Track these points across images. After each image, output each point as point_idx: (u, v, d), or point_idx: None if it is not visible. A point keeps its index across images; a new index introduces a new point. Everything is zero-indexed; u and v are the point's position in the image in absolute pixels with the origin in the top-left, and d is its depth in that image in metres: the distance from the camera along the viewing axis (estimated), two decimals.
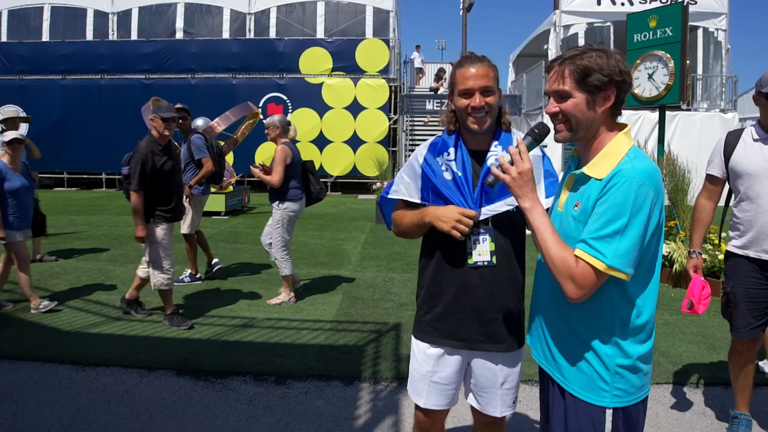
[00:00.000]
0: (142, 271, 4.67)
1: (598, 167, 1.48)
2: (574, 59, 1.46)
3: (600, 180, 1.45)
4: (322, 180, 5.80)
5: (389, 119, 16.12)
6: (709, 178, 2.91)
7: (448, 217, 1.75)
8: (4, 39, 17.08)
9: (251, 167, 4.98)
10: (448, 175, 1.84)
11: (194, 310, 4.92)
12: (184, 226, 5.86)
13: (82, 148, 16.05)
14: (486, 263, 1.81)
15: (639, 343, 1.50)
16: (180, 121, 5.63)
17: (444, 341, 1.90)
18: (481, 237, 1.80)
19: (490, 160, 1.83)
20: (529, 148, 1.54)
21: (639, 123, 13.15)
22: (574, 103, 1.46)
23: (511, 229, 1.85)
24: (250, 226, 9.97)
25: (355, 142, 16.04)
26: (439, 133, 1.95)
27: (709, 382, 3.57)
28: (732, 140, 2.79)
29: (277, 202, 5.10)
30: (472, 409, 2.03)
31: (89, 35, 17.28)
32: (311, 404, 3.22)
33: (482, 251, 1.80)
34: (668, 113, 13.44)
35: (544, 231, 1.47)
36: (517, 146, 1.51)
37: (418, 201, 1.90)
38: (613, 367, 1.48)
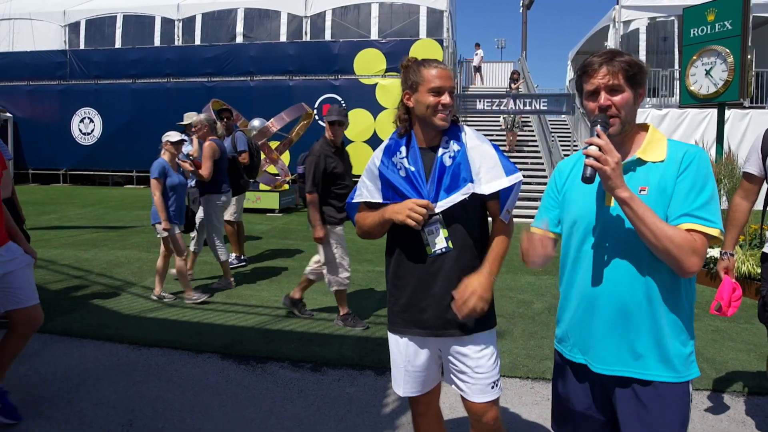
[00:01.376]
0: (310, 272, 4.69)
1: (652, 152, 1.58)
2: (617, 58, 1.54)
3: (661, 162, 1.56)
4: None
5: None
6: (746, 176, 2.83)
7: (402, 207, 1.87)
8: (81, 46, 18.35)
9: (180, 161, 5.24)
10: (402, 173, 1.96)
11: (241, 299, 5.19)
12: (227, 214, 6.28)
13: (150, 147, 16.94)
14: (444, 249, 1.91)
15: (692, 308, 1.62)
16: (224, 120, 6.44)
17: (412, 330, 2.00)
18: (434, 227, 1.90)
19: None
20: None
21: (706, 122, 12.53)
22: (625, 97, 1.55)
23: (466, 217, 1.95)
24: (302, 223, 10.28)
25: None
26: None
27: (754, 391, 3.42)
28: None
29: (206, 195, 5.58)
30: (461, 398, 2.08)
31: (157, 41, 18.28)
32: (343, 391, 3.36)
33: (438, 239, 1.90)
34: (739, 112, 12.74)
35: (652, 217, 1.48)
36: (598, 137, 1.51)
37: (381, 201, 2.01)
38: (689, 339, 1.58)
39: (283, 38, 17.76)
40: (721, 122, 6.23)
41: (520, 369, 3.68)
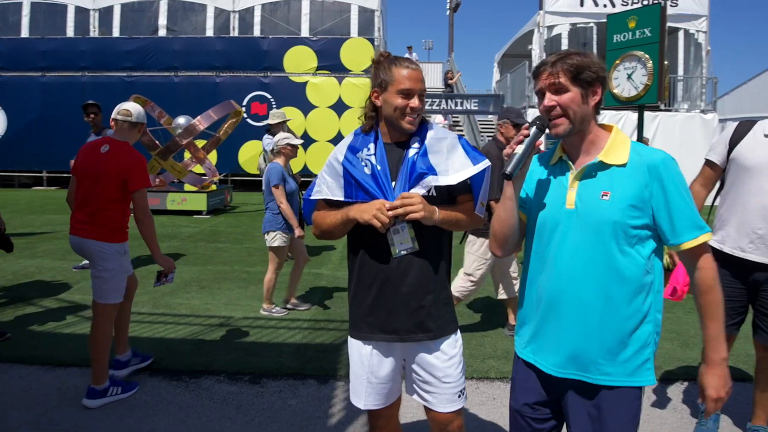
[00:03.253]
0: (463, 291, 4.25)
1: (614, 155, 1.56)
2: (564, 59, 1.54)
3: (623, 165, 1.54)
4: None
5: None
6: (709, 164, 2.80)
7: (369, 207, 1.78)
8: None
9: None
10: (367, 170, 1.86)
11: (169, 309, 4.86)
12: None
13: (62, 146, 15.76)
14: (409, 250, 1.83)
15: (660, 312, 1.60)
16: (91, 116, 6.06)
17: (376, 335, 1.90)
18: (400, 227, 1.82)
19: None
20: (536, 137, 1.57)
21: (621, 123, 13.28)
22: (570, 96, 1.54)
23: None
24: (232, 225, 9.89)
25: (339, 141, 15.92)
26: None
27: (682, 378, 3.60)
28: (742, 130, 2.69)
29: None
30: (425, 408, 2.01)
31: (70, 32, 17.03)
32: (285, 403, 3.20)
33: (403, 239, 1.82)
34: (650, 114, 13.63)
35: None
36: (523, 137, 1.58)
37: (342, 199, 1.89)
38: (652, 343, 1.57)
39: (209, 33, 17.10)
40: (640, 123, 6.57)
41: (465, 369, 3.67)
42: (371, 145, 1.90)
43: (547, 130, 1.60)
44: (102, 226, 3.15)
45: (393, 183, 1.85)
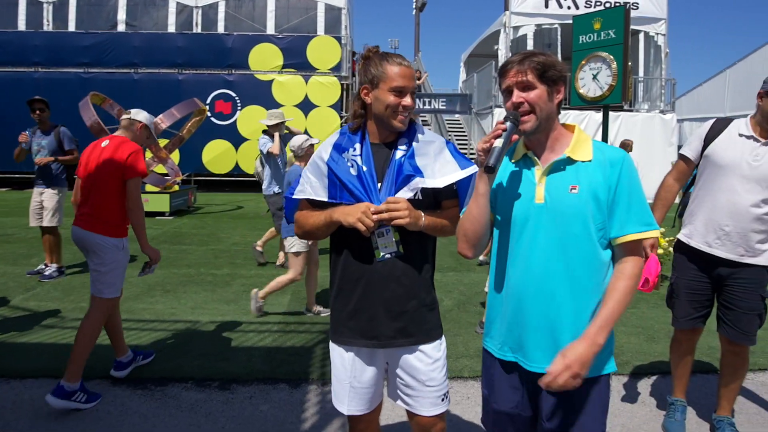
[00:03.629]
0: None
1: (580, 151, 1.61)
2: (530, 57, 1.58)
3: (589, 161, 1.60)
4: None
5: (341, 117, 15.99)
6: (683, 159, 2.84)
7: (355, 210, 1.74)
8: None
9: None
10: (353, 171, 1.82)
11: (132, 314, 4.68)
12: (54, 220, 5.88)
13: (12, 146, 15.08)
14: (393, 254, 1.79)
15: None
16: (37, 112, 5.88)
17: (358, 341, 1.86)
18: (384, 230, 1.78)
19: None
20: (512, 131, 1.58)
21: (585, 122, 13.58)
22: (537, 93, 1.57)
23: None
24: (196, 226, 9.65)
25: None
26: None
27: (649, 372, 3.67)
28: (717, 128, 2.72)
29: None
30: (407, 412, 1.98)
31: (21, 25, 16.32)
32: (256, 409, 3.11)
33: (388, 243, 1.78)
34: (612, 114, 14.01)
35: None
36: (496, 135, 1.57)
37: (326, 199, 1.84)
38: (614, 331, 1.60)
39: (171, 29, 16.67)
40: (605, 123, 6.71)
41: None
42: (357, 146, 1.84)
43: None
44: (102, 220, 3.22)
45: (379, 185, 1.80)
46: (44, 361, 3.65)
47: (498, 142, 1.54)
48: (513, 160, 1.69)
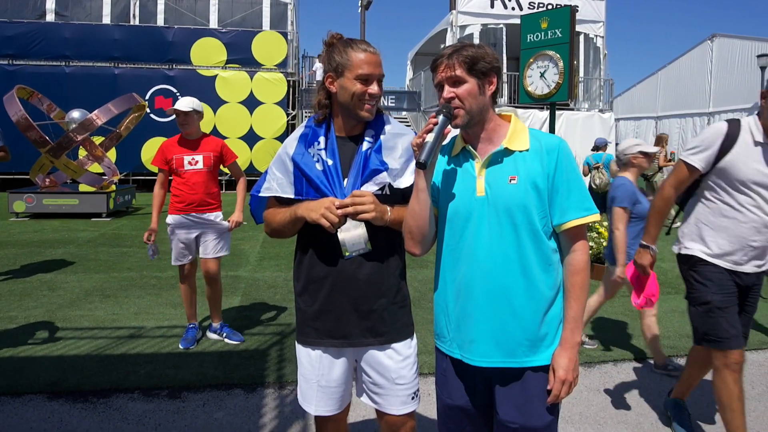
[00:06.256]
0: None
1: (517, 141, 1.60)
2: (459, 51, 1.56)
3: (526, 151, 1.58)
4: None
5: (287, 114, 15.70)
6: (689, 168, 2.51)
7: (318, 206, 1.66)
8: None
9: None
10: (319, 166, 1.74)
11: (68, 322, 4.36)
12: None
13: None
14: (360, 251, 1.70)
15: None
16: None
17: (325, 341, 1.78)
18: (352, 226, 1.69)
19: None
20: (444, 125, 1.54)
21: (530, 120, 13.94)
22: (467, 88, 1.56)
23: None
24: (137, 227, 9.18)
25: (251, 138, 15.42)
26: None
27: (602, 360, 3.76)
28: (733, 136, 2.43)
29: None
30: (376, 411, 1.91)
31: None
32: (210, 417, 2.94)
33: (355, 240, 1.69)
34: (555, 112, 14.47)
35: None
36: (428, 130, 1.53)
37: (293, 196, 1.76)
38: (563, 319, 1.61)
39: (106, 20, 15.84)
40: (552, 120, 6.88)
41: None
42: (321, 139, 1.76)
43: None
44: None
45: (345, 180, 1.73)
46: None
47: (429, 137, 1.50)
48: (452, 155, 1.67)
